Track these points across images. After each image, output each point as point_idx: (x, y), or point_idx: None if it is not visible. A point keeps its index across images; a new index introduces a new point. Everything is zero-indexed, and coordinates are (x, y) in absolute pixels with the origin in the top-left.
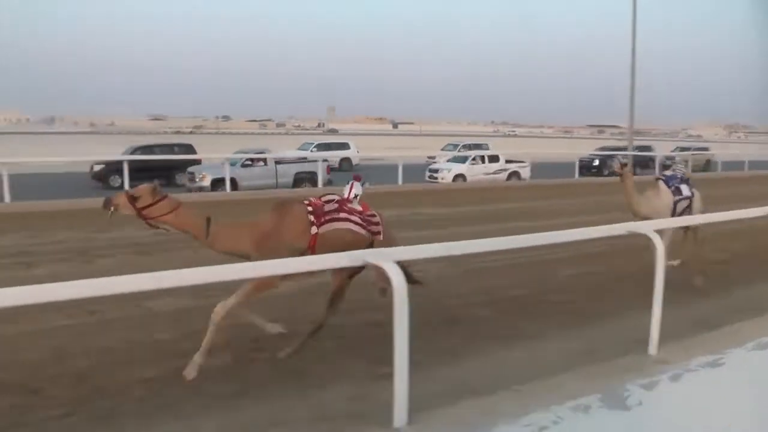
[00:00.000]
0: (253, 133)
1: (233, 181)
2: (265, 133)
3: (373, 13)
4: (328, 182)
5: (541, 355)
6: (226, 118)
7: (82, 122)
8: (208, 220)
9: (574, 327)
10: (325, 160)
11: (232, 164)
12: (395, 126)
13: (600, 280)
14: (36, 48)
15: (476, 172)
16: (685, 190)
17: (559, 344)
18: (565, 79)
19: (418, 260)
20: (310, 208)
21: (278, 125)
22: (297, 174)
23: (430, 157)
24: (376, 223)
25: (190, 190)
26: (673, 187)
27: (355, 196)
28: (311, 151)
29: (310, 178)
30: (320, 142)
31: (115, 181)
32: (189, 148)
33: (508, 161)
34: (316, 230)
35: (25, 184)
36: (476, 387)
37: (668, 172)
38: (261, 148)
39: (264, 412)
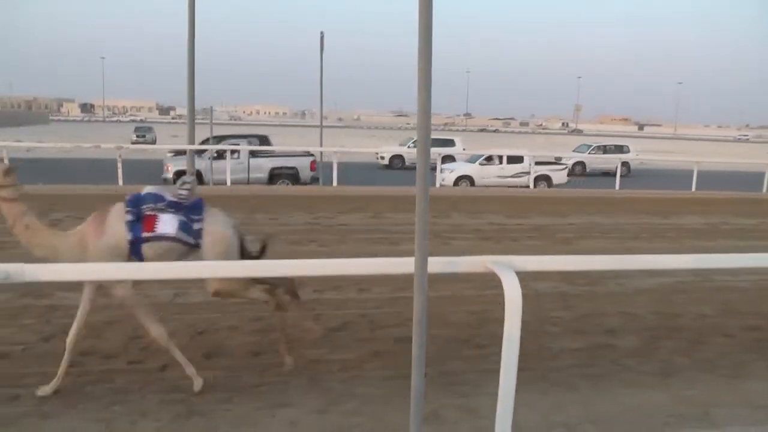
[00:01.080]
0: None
1: (198, 175)
2: (507, 132)
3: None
4: (313, 179)
5: None
6: (468, 115)
7: (330, 116)
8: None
9: None
10: (310, 154)
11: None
12: (641, 128)
13: None
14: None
15: (488, 174)
16: (167, 223)
17: None
18: None
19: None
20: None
21: (521, 124)
22: (273, 169)
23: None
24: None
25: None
26: (134, 217)
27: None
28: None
29: (291, 174)
30: None
31: None
32: (264, 140)
33: (538, 163)
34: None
35: None
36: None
37: (150, 189)
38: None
39: None
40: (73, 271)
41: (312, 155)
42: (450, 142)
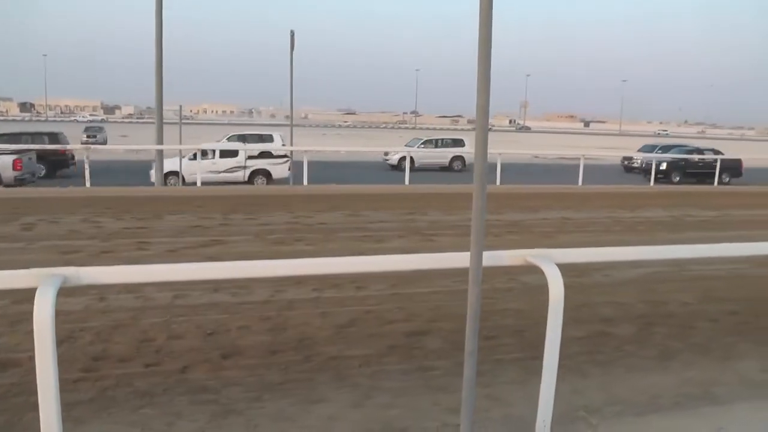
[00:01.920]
0: (443, 128)
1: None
2: (456, 129)
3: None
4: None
5: None
6: (415, 113)
7: (278, 114)
8: None
9: None
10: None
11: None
12: (586, 125)
13: None
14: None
15: (199, 170)
16: None
17: None
18: None
19: None
20: None
21: (469, 122)
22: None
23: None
24: None
25: None
26: None
27: None
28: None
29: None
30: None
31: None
32: (54, 137)
33: (256, 157)
34: None
35: None
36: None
37: None
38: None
39: None
40: (127, 273)
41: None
42: (268, 138)
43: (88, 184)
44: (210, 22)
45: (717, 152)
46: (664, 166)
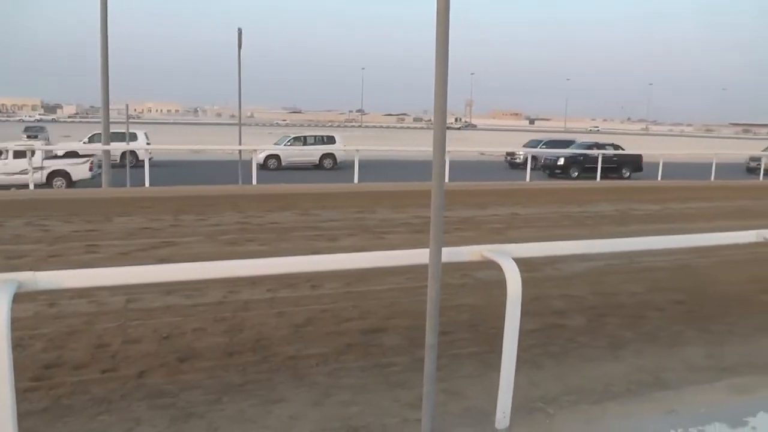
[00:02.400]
0: (390, 127)
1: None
2: (402, 127)
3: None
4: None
5: None
6: (361, 111)
7: (224, 113)
8: None
9: None
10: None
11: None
12: (532, 122)
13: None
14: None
15: None
16: None
17: None
18: (711, 76)
19: None
20: None
21: (415, 120)
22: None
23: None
24: None
25: None
26: None
27: None
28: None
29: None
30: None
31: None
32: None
33: (54, 157)
34: None
35: None
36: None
37: None
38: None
39: None
40: (86, 277)
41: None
42: (133, 136)
43: (31, 186)
44: (154, 18)
45: (617, 147)
46: (561, 162)
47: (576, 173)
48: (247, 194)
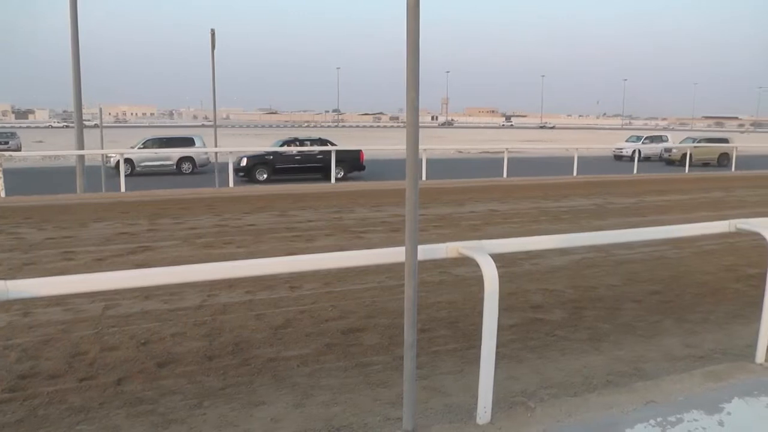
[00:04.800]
0: (366, 126)
1: None
2: (379, 126)
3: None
4: None
5: None
6: (337, 111)
7: (199, 115)
8: None
9: None
10: None
11: None
12: (508, 119)
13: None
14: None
15: None
16: None
17: None
18: (681, 71)
19: None
20: None
21: (391, 118)
22: None
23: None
24: None
25: None
26: None
27: None
28: None
29: None
30: None
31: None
32: (327, 143)
33: None
34: None
35: None
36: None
37: None
38: None
39: None
40: (59, 285)
41: None
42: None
43: (2, 194)
44: (127, 21)
45: (325, 142)
46: (244, 162)
47: (264, 176)
48: (223, 196)
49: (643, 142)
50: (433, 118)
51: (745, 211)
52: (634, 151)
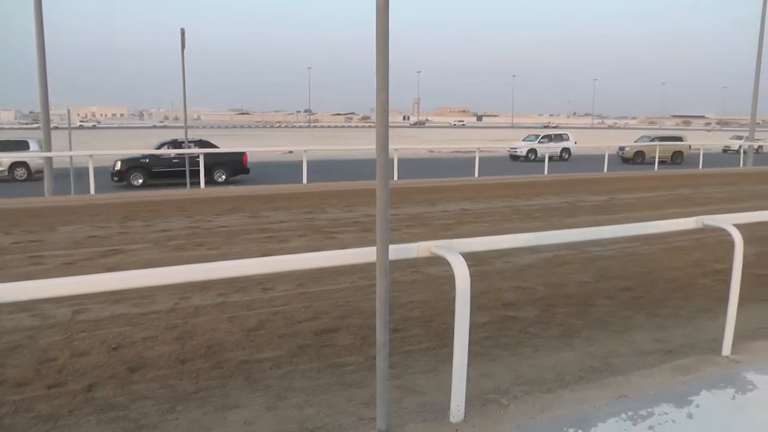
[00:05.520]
0: (338, 126)
1: None
2: (351, 127)
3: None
4: None
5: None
6: (309, 112)
7: (170, 116)
8: None
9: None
10: None
11: None
12: (479, 118)
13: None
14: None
15: None
16: None
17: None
18: (653, 71)
19: None
20: None
21: (363, 119)
22: None
23: None
24: None
25: None
26: None
27: None
28: None
29: None
30: None
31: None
32: (207, 145)
33: None
34: None
35: None
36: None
37: None
38: None
39: None
40: (24, 290)
41: None
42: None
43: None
44: (96, 21)
45: (206, 144)
46: (118, 167)
47: (139, 181)
48: (194, 198)
49: (539, 141)
50: (404, 118)
51: (712, 208)
52: (528, 151)
